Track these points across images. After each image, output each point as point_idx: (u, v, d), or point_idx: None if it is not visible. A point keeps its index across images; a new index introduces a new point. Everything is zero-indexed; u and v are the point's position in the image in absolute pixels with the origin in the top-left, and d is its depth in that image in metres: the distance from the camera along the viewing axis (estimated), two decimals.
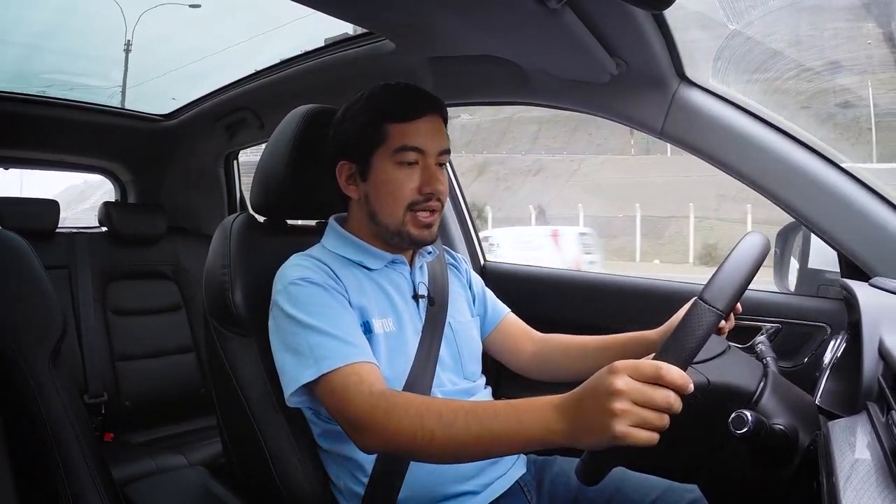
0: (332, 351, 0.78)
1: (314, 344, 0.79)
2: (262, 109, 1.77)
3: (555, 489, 0.95)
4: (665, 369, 0.56)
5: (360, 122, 0.89)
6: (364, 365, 0.78)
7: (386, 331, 0.88)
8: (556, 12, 0.79)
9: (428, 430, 0.68)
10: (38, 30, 3.71)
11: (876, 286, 0.90)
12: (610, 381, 0.57)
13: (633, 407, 0.55)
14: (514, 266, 1.62)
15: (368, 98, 0.90)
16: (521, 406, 0.65)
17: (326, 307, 0.82)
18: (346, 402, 0.75)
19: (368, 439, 0.74)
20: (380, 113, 0.88)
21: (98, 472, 0.77)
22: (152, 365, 1.90)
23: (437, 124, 0.90)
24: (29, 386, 0.76)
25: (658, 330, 0.94)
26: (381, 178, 0.88)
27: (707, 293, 0.63)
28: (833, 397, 0.82)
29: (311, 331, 0.80)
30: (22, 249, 0.84)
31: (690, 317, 0.62)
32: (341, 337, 0.80)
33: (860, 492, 0.50)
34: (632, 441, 0.56)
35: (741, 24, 1.28)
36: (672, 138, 1.09)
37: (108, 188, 2.36)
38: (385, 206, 0.89)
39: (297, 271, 0.85)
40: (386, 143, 0.87)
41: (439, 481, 0.86)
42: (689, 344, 0.61)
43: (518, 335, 1.09)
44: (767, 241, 0.69)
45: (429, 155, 0.88)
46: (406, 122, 0.87)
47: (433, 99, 0.91)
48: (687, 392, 0.57)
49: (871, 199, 0.98)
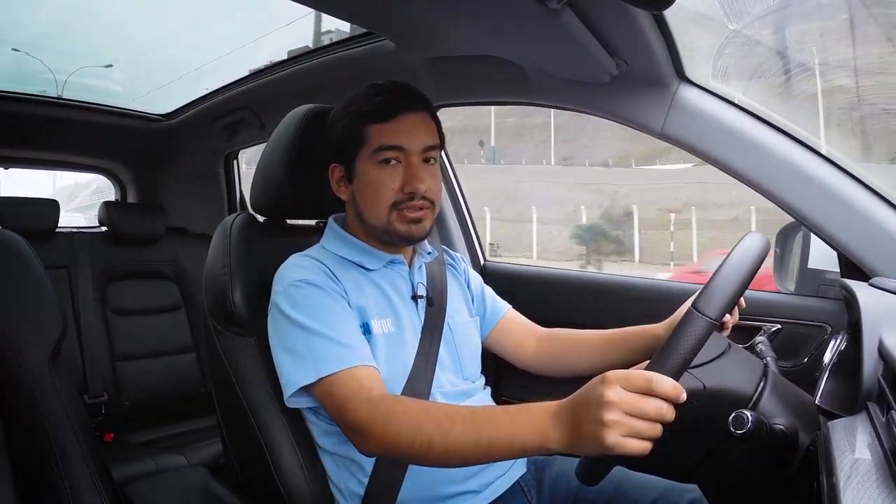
0: (330, 354, 0.78)
1: (313, 346, 0.79)
2: (262, 109, 1.77)
3: (555, 489, 0.95)
4: (656, 381, 0.56)
5: (343, 125, 0.89)
6: (363, 369, 0.78)
7: (385, 331, 0.88)
8: (556, 12, 0.79)
9: (426, 437, 0.68)
10: (38, 30, 3.71)
11: (876, 286, 0.90)
12: (601, 392, 0.57)
13: (625, 417, 0.56)
14: (514, 266, 1.62)
15: (352, 100, 0.90)
16: (518, 414, 0.65)
17: (325, 309, 0.82)
18: (345, 407, 0.75)
19: (366, 444, 0.74)
20: (360, 114, 0.88)
21: (98, 473, 0.77)
22: (152, 365, 1.91)
23: (421, 120, 0.89)
24: (29, 386, 0.76)
25: (663, 324, 0.94)
26: (365, 179, 0.88)
27: (700, 302, 0.63)
28: (833, 397, 0.82)
29: (310, 333, 0.80)
30: (22, 249, 0.84)
31: (683, 326, 0.62)
32: (340, 340, 0.80)
33: (860, 492, 0.50)
34: (623, 451, 0.56)
35: None
36: (672, 138, 1.08)
37: (97, 188, 2.36)
38: (369, 207, 0.89)
39: (296, 272, 0.85)
40: (367, 144, 0.87)
41: (439, 481, 0.86)
42: (681, 354, 0.61)
43: (520, 331, 1.09)
44: (767, 242, 0.69)
45: (411, 153, 0.87)
46: (385, 121, 0.86)
47: (415, 96, 0.90)
48: (679, 402, 0.57)
49: (871, 199, 0.98)
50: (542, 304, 1.42)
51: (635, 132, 1.13)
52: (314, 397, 0.80)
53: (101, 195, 2.38)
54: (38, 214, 1.85)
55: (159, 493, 0.98)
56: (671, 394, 0.56)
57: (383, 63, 1.26)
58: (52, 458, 0.74)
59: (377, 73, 1.27)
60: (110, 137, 2.13)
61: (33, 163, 2.27)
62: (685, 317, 0.63)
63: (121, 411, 1.82)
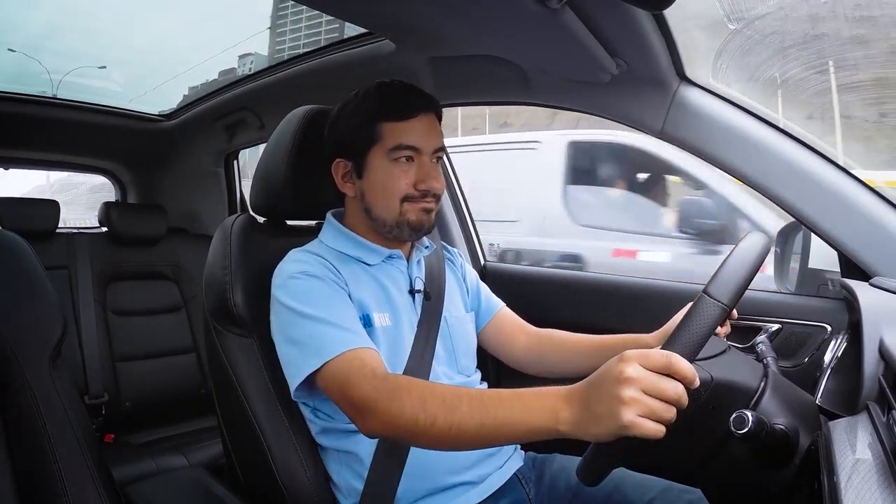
0: (333, 339, 0.78)
1: (315, 334, 0.79)
2: (262, 109, 1.77)
3: (555, 485, 0.96)
4: (675, 359, 0.56)
5: (355, 121, 0.90)
6: (366, 350, 0.79)
7: (383, 325, 0.89)
8: (557, 12, 0.79)
9: (430, 414, 0.67)
10: (38, 30, 3.70)
11: (876, 286, 0.90)
12: (621, 369, 0.56)
13: (643, 396, 0.55)
14: (514, 266, 1.63)
15: (363, 97, 0.90)
16: (527, 394, 0.64)
17: (325, 297, 0.83)
18: (350, 385, 0.75)
19: (371, 422, 0.73)
20: (374, 112, 0.89)
21: (98, 473, 0.77)
22: (152, 365, 1.91)
23: (432, 123, 0.91)
24: (29, 386, 0.76)
25: (654, 334, 0.95)
26: (378, 175, 0.89)
27: (712, 287, 0.63)
28: (834, 397, 0.82)
29: (312, 321, 0.80)
30: (22, 250, 0.84)
31: (696, 310, 0.62)
32: (341, 325, 0.80)
33: (861, 492, 0.50)
34: (638, 431, 0.55)
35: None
36: (672, 138, 1.08)
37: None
38: (381, 202, 0.90)
39: (295, 266, 0.86)
40: (381, 141, 0.88)
41: (437, 472, 0.86)
42: (694, 337, 0.61)
43: (511, 329, 1.10)
44: (768, 241, 0.69)
45: (424, 153, 0.89)
46: (400, 121, 0.88)
47: (427, 97, 0.92)
48: (693, 386, 0.57)
49: (871, 198, 0.98)
50: (542, 303, 1.42)
51: None
52: (319, 387, 0.80)
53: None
54: (38, 215, 1.85)
55: (160, 494, 0.98)
56: (689, 375, 0.56)
57: (383, 63, 1.26)
58: (52, 458, 0.74)
59: (377, 74, 1.26)
60: (110, 138, 2.12)
61: (34, 163, 2.27)
62: (697, 302, 0.63)
63: (121, 412, 1.82)
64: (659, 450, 0.58)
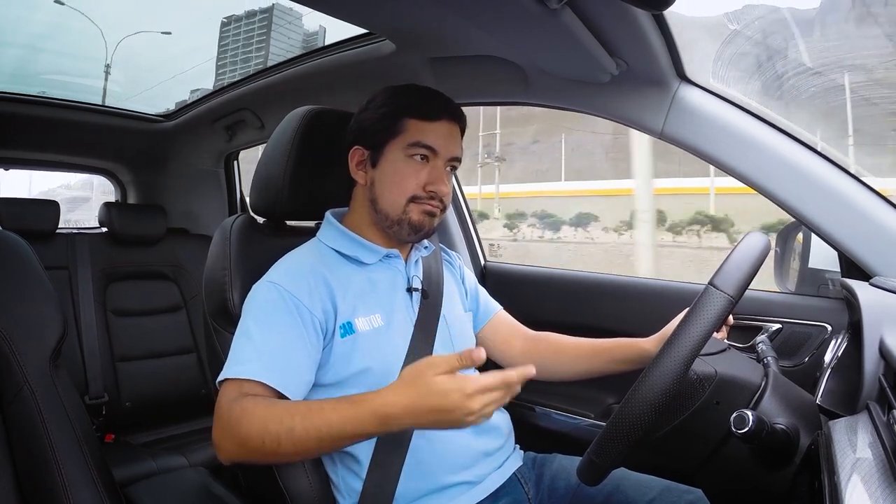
0: (245, 361, 0.78)
1: (237, 347, 0.80)
2: (262, 110, 1.77)
3: (554, 484, 0.96)
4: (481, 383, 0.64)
5: (381, 112, 0.92)
6: (256, 385, 0.77)
7: (374, 326, 0.88)
8: (557, 12, 0.79)
9: (273, 436, 0.70)
10: (37, 31, 3.70)
11: (876, 286, 0.90)
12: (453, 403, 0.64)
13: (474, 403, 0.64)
14: (514, 266, 1.62)
15: (395, 91, 0.93)
16: (354, 396, 0.70)
17: (274, 320, 0.82)
18: (216, 411, 0.76)
19: (224, 447, 0.74)
20: (402, 106, 0.91)
21: (99, 473, 0.77)
22: (153, 366, 1.91)
23: (455, 131, 0.93)
24: (29, 387, 0.76)
25: (652, 338, 0.95)
26: (391, 167, 0.91)
27: (718, 279, 0.65)
28: (834, 397, 0.82)
29: (244, 336, 0.81)
30: (22, 250, 0.84)
31: (702, 301, 0.64)
32: (265, 351, 0.79)
33: (861, 491, 0.50)
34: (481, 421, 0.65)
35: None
36: (672, 138, 1.08)
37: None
38: (388, 194, 0.91)
39: (277, 274, 0.86)
40: (402, 135, 0.90)
41: (436, 471, 0.86)
42: (701, 327, 0.62)
43: (508, 332, 1.11)
44: (768, 241, 0.70)
45: (440, 157, 0.91)
46: (425, 120, 0.90)
47: (456, 108, 0.94)
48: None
49: (871, 198, 0.98)
50: (542, 303, 1.42)
51: None
52: None
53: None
54: (38, 215, 1.86)
55: (160, 494, 0.98)
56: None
57: (384, 64, 1.26)
58: (52, 458, 0.75)
59: (377, 74, 1.27)
60: (111, 138, 2.13)
61: (34, 164, 2.27)
62: (704, 293, 0.65)
63: (121, 412, 1.82)
64: (659, 450, 0.58)
